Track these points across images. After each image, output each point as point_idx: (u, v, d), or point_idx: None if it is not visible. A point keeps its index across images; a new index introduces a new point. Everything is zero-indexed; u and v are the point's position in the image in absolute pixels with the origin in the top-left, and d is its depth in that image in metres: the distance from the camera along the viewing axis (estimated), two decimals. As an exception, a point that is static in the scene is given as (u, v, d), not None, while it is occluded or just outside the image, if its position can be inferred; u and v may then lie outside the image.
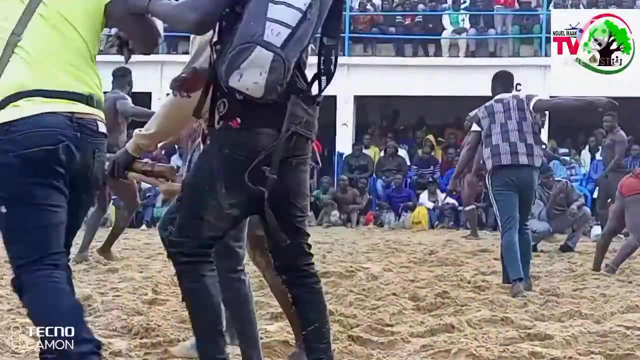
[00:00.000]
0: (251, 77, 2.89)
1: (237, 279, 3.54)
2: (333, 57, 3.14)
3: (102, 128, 3.16)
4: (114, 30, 3.32)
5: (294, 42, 2.92)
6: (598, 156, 13.25)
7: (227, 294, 3.59)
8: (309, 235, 3.26)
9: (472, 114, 7.40)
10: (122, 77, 8.71)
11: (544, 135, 17.22)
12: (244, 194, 3.04)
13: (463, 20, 18.15)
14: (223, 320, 3.19)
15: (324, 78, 3.16)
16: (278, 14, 2.91)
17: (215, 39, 3.07)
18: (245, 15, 2.94)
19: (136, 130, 3.65)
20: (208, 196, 3.05)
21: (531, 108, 7.07)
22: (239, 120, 3.01)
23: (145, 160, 3.63)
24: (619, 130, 12.86)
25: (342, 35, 18.12)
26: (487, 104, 7.25)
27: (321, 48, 3.13)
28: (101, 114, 3.17)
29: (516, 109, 7.08)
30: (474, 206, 13.03)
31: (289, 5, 2.92)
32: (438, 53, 18.20)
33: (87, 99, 3.10)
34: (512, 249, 6.82)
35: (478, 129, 7.25)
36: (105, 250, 8.68)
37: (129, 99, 8.56)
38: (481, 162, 7.29)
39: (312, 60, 3.15)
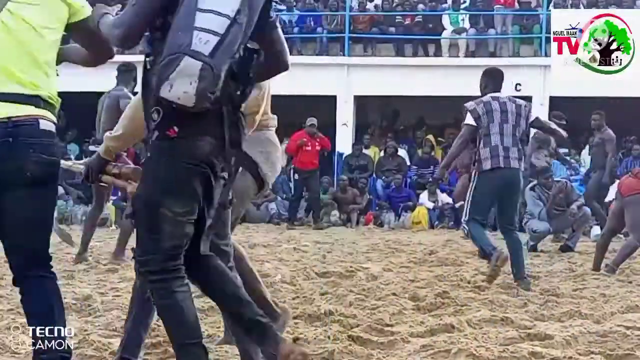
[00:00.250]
0: (181, 87, 2.92)
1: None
2: (254, 61, 3.15)
3: (45, 126, 3.25)
4: None
5: (223, 49, 2.96)
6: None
7: None
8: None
9: (469, 106, 7.31)
10: (126, 72, 8.61)
11: (544, 135, 17.26)
12: (192, 200, 3.10)
13: (463, 20, 18.14)
14: (199, 331, 3.19)
15: (245, 82, 3.17)
16: (206, 23, 2.95)
17: (147, 51, 3.12)
18: (173, 26, 2.99)
19: (106, 133, 3.70)
20: (160, 207, 3.07)
21: (529, 121, 7.27)
22: (175, 129, 3.05)
23: (115, 163, 3.66)
24: (606, 129, 12.86)
25: (342, 35, 18.17)
26: (484, 99, 7.27)
27: (244, 52, 3.10)
28: (46, 113, 3.26)
29: (514, 114, 7.18)
30: (463, 202, 13.00)
31: (217, 13, 2.96)
32: (438, 53, 18.18)
33: (31, 100, 3.20)
34: (481, 232, 7.15)
35: (472, 122, 7.21)
36: (118, 253, 8.28)
37: (133, 98, 8.49)
38: (475, 156, 7.25)
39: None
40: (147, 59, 3.11)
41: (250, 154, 4.05)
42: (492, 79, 7.46)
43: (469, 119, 7.26)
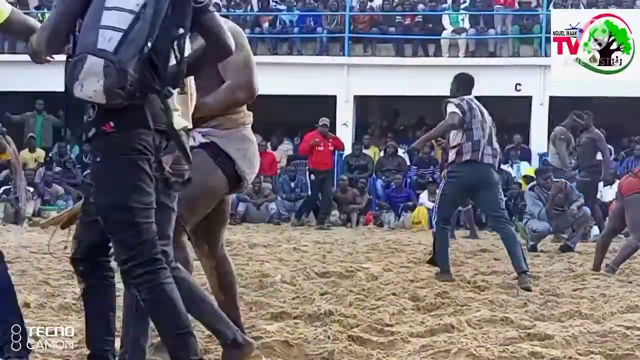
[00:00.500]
0: (91, 86, 3.01)
1: (172, 269, 3.50)
2: (183, 46, 3.18)
3: None
4: None
5: (128, 44, 3.02)
6: (599, 156, 13.26)
7: None
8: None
9: (455, 100, 7.64)
10: None
11: (544, 134, 17.26)
12: (151, 186, 3.14)
13: (463, 20, 18.15)
14: (189, 319, 3.20)
15: (181, 69, 3.19)
16: (110, 20, 3.03)
17: (70, 53, 3.17)
18: (82, 26, 3.08)
19: None
20: (130, 204, 3.09)
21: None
22: (111, 124, 3.09)
23: None
24: (594, 128, 12.84)
25: (342, 35, 18.17)
26: (465, 98, 7.65)
27: (173, 39, 3.14)
28: None
29: (489, 117, 7.69)
30: (470, 206, 12.99)
31: (121, 9, 3.04)
32: (438, 53, 18.19)
33: None
34: (446, 242, 7.69)
35: (459, 112, 7.51)
36: None
37: None
38: (455, 149, 7.56)
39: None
40: (68, 60, 3.16)
41: (226, 152, 4.03)
42: (464, 84, 7.85)
43: (456, 109, 7.56)
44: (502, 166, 16.43)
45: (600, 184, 14.82)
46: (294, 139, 19.03)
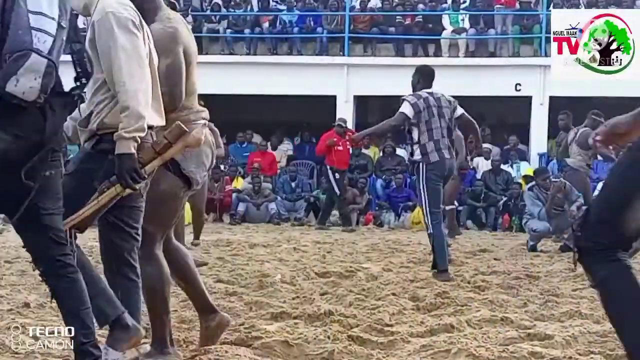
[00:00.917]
0: (28, 82, 3.08)
1: (65, 257, 3.52)
2: (86, 59, 3.32)
3: None
4: None
5: (57, 49, 3.16)
6: (598, 156, 13.23)
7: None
8: (60, 229, 3.40)
9: (411, 99, 7.78)
10: None
11: (544, 134, 17.28)
12: None
13: (463, 20, 18.15)
14: None
15: (83, 80, 3.32)
16: (40, 24, 3.12)
17: None
18: (11, 26, 3.10)
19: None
20: None
21: (455, 116, 7.87)
22: None
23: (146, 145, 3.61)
24: (572, 129, 12.78)
25: (342, 35, 18.17)
26: (422, 95, 7.80)
27: (72, 53, 3.28)
28: None
29: (449, 109, 7.82)
30: (454, 206, 12.90)
31: (46, 15, 3.14)
32: (438, 53, 18.19)
33: None
34: (444, 242, 7.73)
35: (409, 113, 7.67)
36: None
37: None
38: (419, 149, 7.70)
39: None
40: None
41: None
42: (424, 77, 8.05)
43: (408, 110, 7.70)
44: (502, 166, 16.49)
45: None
46: (294, 139, 19.03)
